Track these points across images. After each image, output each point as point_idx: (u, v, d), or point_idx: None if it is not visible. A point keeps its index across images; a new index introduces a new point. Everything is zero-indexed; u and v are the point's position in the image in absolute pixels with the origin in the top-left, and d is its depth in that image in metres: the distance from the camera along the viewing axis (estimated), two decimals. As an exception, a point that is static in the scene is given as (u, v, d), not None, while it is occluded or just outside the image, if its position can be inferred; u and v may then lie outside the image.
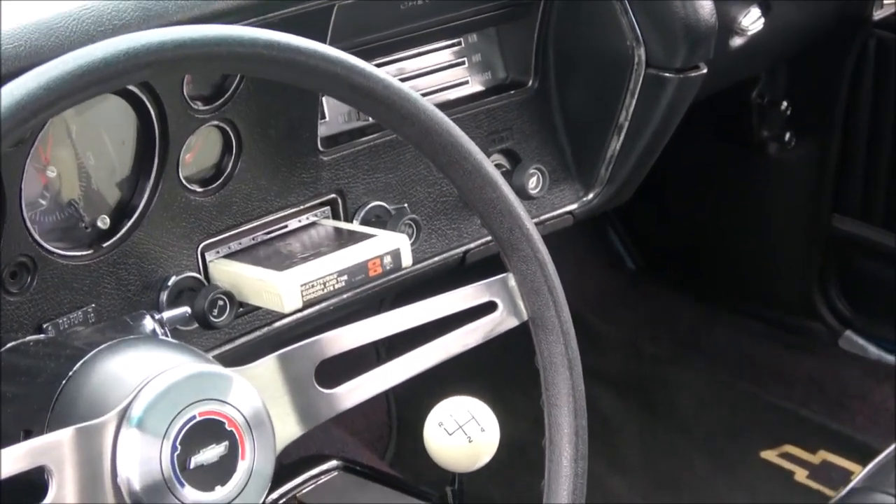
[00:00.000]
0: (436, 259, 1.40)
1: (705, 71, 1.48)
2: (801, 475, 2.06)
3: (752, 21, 1.60)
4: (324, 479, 1.60)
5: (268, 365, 0.92)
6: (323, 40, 1.15)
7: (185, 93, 1.14)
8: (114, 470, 0.83)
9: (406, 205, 1.35)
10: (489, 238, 1.37)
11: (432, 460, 1.38)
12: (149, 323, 1.10)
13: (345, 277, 1.17)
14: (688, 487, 2.07)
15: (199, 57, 0.88)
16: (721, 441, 2.14)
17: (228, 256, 1.23)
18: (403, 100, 0.94)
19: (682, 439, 2.16)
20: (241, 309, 1.20)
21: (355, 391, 0.96)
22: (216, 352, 1.19)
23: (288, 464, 1.60)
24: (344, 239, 1.25)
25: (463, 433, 1.24)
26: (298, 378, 0.94)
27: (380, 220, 1.32)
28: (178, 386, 0.85)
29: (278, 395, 0.93)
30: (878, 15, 1.88)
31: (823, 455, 2.05)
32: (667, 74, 1.45)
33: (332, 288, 1.17)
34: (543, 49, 1.49)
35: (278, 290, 1.16)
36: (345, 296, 1.26)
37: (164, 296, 1.17)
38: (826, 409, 2.12)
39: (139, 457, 0.82)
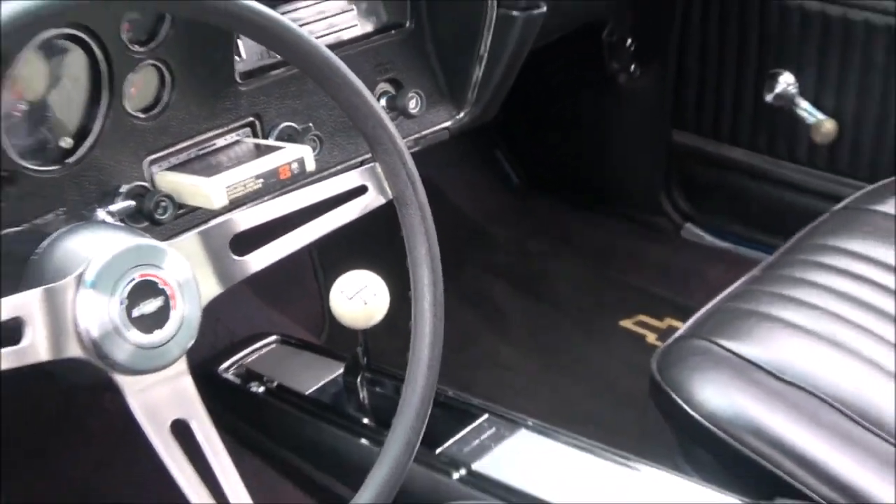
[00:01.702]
0: (338, 167, 1.41)
1: (545, 10, 1.50)
2: (651, 338, 2.12)
3: None
4: (265, 350, 1.65)
5: (192, 238, 0.97)
6: None
7: (123, 38, 1.18)
8: (74, 321, 0.88)
9: (311, 124, 1.38)
10: None
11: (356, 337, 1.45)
12: (101, 214, 1.13)
13: (261, 180, 1.20)
14: (564, 352, 2.12)
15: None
16: (589, 315, 2.19)
17: (169, 169, 1.26)
18: (293, 35, 1.00)
19: (559, 316, 2.21)
20: (181, 210, 1.23)
21: (261, 257, 1.00)
22: (163, 244, 1.23)
23: (237, 341, 1.65)
24: (261, 152, 1.28)
25: (360, 298, 1.31)
26: (216, 248, 0.98)
27: (290, 137, 1.36)
28: (123, 255, 0.90)
29: (201, 261, 0.97)
30: None
31: (669, 322, 2.12)
32: (514, 13, 1.48)
33: (251, 189, 1.20)
34: None
35: (207, 191, 1.19)
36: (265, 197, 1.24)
37: (118, 200, 1.20)
38: (671, 286, 2.18)
39: (94, 310, 0.88)
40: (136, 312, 0.90)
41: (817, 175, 2.05)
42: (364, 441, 1.49)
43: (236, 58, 1.32)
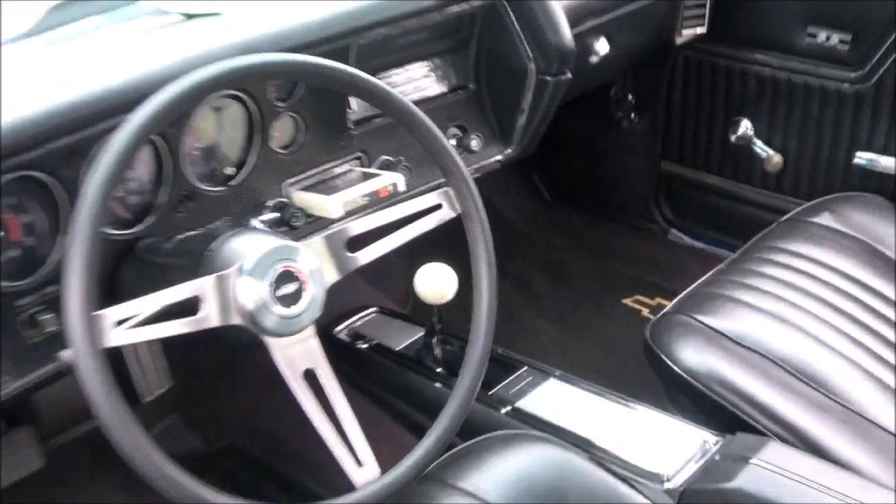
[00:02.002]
0: (421, 189, 1.39)
1: (570, 76, 1.48)
2: (645, 312, 2.11)
3: (602, 47, 1.62)
4: (367, 318, 1.67)
5: (319, 240, 0.98)
6: (347, 62, 1.19)
7: (269, 97, 1.20)
8: (236, 298, 0.89)
9: (402, 157, 1.37)
10: None
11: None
12: (254, 222, 1.16)
13: (367, 198, 1.22)
14: (580, 322, 2.11)
15: (279, 71, 0.95)
16: (599, 294, 2.18)
17: (301, 189, 1.27)
18: (389, 96, 1.02)
19: (576, 295, 2.20)
20: (309, 218, 1.25)
21: (367, 254, 1.00)
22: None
23: (348, 311, 1.67)
24: (366, 177, 1.29)
25: (435, 282, 1.32)
26: (336, 247, 0.99)
27: (387, 166, 1.36)
28: (271, 252, 0.91)
29: (325, 256, 0.98)
30: (679, 41, 1.89)
31: (658, 300, 2.10)
32: (547, 78, 1.45)
33: (360, 204, 1.22)
34: (477, 66, 1.49)
35: (329, 205, 1.21)
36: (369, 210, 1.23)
37: (265, 212, 1.22)
38: (660, 275, 2.15)
39: (250, 291, 0.89)
40: (279, 293, 0.91)
41: (768, 195, 2.03)
42: (438, 385, 1.50)
43: (348, 110, 1.32)
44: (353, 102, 1.33)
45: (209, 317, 0.89)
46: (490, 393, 1.42)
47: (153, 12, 1.22)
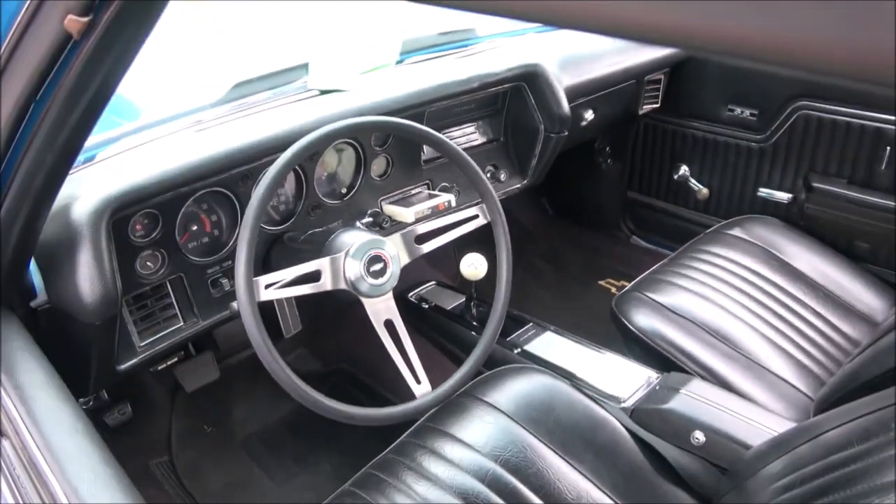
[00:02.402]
0: (465, 205, 1.37)
1: (566, 133, 1.47)
2: (613, 290, 2.06)
3: (589, 115, 1.60)
4: (429, 288, 1.65)
5: (397, 236, 0.99)
6: (422, 122, 1.21)
7: (371, 142, 1.21)
8: (343, 272, 0.91)
9: (454, 184, 1.37)
10: None
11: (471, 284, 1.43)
12: (358, 223, 1.16)
13: (430, 209, 1.23)
14: (570, 294, 2.07)
15: (376, 128, 0.95)
16: (583, 278, 2.14)
17: (389, 203, 1.27)
18: (448, 146, 1.02)
19: (567, 277, 2.16)
20: (393, 222, 1.25)
21: (430, 246, 1.01)
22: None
23: (416, 283, 1.66)
24: (430, 196, 1.29)
25: (473, 265, 1.31)
26: (409, 241, 1.00)
27: (444, 189, 1.36)
28: (366, 243, 0.93)
29: (401, 247, 0.99)
30: (641, 112, 1.85)
31: (623, 282, 2.05)
32: (552, 135, 1.44)
33: (426, 213, 1.22)
34: (506, 126, 1.47)
35: (406, 214, 1.22)
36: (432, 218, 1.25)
37: (366, 217, 1.23)
38: (624, 266, 2.10)
39: (352, 267, 0.91)
40: (371, 269, 0.92)
41: (698, 215, 1.97)
42: (473, 333, 1.49)
43: (421, 153, 1.33)
44: (425, 148, 1.33)
45: (325, 283, 0.90)
46: (507, 339, 1.41)
47: (300, 89, 1.24)
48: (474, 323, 1.51)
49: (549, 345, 1.40)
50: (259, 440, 1.58)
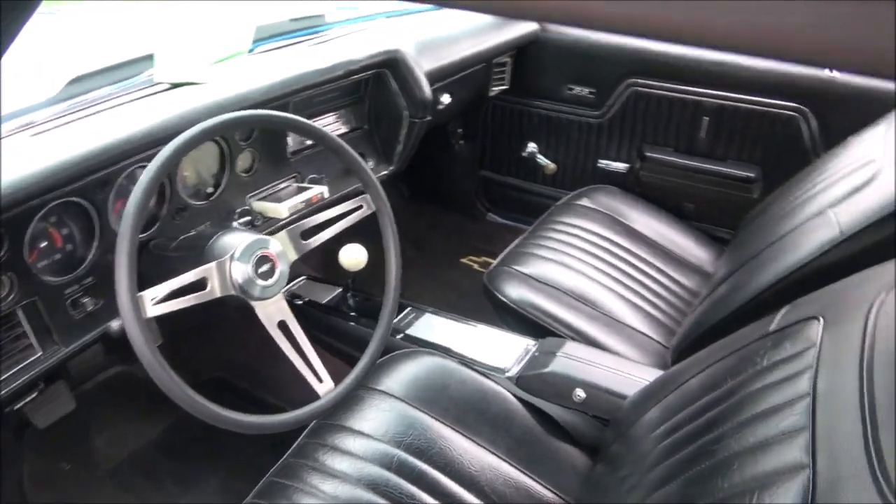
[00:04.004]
0: (338, 195, 1.37)
1: (430, 118, 1.49)
2: (476, 266, 2.12)
3: (445, 99, 1.62)
4: (300, 283, 1.58)
5: (283, 233, 0.95)
6: (287, 111, 1.16)
7: (236, 138, 1.14)
8: (231, 276, 0.86)
9: (324, 175, 1.33)
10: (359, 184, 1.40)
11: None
12: (235, 224, 1.10)
13: (303, 203, 1.20)
14: (438, 275, 2.09)
15: (247, 123, 0.90)
16: (446, 257, 2.17)
17: (258, 200, 1.21)
18: (320, 132, 0.99)
19: (432, 257, 2.18)
20: (266, 219, 1.20)
21: (315, 241, 0.98)
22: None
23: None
24: (301, 189, 1.25)
25: (353, 255, 1.29)
26: (294, 237, 0.96)
27: (315, 181, 1.31)
28: (251, 244, 0.89)
29: (287, 243, 0.95)
30: (491, 94, 1.90)
31: (484, 258, 2.12)
32: (416, 120, 1.45)
33: (300, 207, 1.19)
34: (370, 114, 1.46)
35: (279, 209, 1.17)
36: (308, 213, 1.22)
37: (235, 217, 1.17)
38: (483, 242, 2.16)
39: (240, 271, 0.86)
40: (259, 270, 0.88)
41: (548, 188, 2.08)
42: (352, 323, 1.45)
43: (287, 145, 1.28)
44: (289, 140, 1.28)
45: (214, 290, 0.85)
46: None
47: (146, 83, 1.13)
48: (353, 314, 1.49)
49: (431, 326, 1.42)
50: (130, 468, 1.45)
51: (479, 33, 1.68)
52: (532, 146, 2.03)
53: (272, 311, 0.91)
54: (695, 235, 1.75)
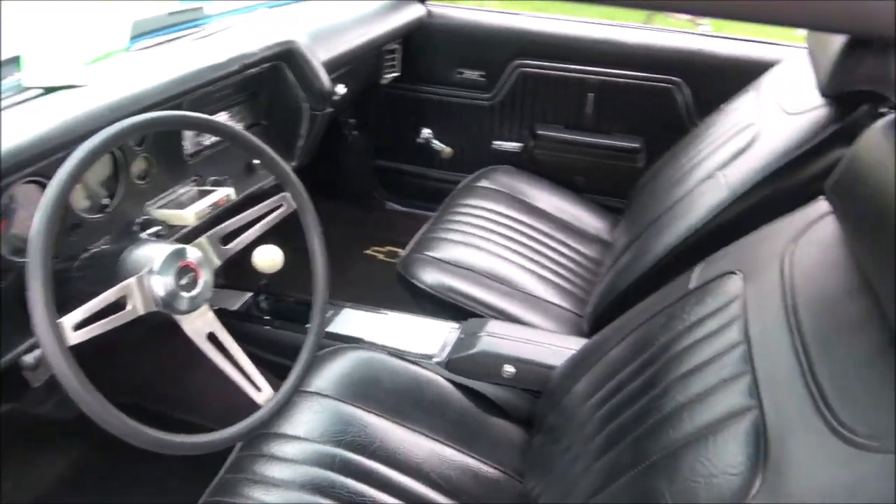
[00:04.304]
0: (243, 196, 1.29)
1: (331, 110, 1.45)
2: (381, 257, 2.10)
3: (341, 90, 1.56)
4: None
5: (202, 240, 0.90)
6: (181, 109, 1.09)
7: (129, 143, 1.06)
8: (152, 291, 0.81)
9: (227, 176, 1.25)
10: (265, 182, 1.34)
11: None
12: (143, 235, 1.00)
13: (210, 206, 1.12)
14: (343, 267, 1.97)
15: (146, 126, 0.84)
16: (350, 250, 2.13)
17: (159, 208, 1.12)
18: (222, 126, 0.94)
19: (336, 251, 2.09)
20: (171, 227, 1.11)
21: (236, 245, 0.93)
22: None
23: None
24: (204, 193, 1.16)
25: (271, 257, 1.23)
26: (214, 243, 0.91)
27: (217, 183, 1.23)
28: (170, 255, 0.83)
29: (208, 250, 0.90)
30: (383, 82, 1.89)
31: (388, 248, 2.10)
32: (317, 112, 1.41)
33: (208, 212, 1.11)
34: (268, 108, 1.39)
35: (185, 216, 1.09)
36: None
37: (135, 228, 1.08)
38: (384, 231, 2.15)
39: (160, 284, 0.80)
40: (182, 282, 0.83)
41: (446, 173, 2.08)
42: (267, 328, 1.39)
43: (183, 146, 1.20)
44: (186, 142, 1.20)
45: (136, 308, 0.79)
46: (308, 326, 1.36)
47: (15, 89, 1.01)
48: (266, 318, 1.43)
49: (351, 321, 1.39)
50: (42, 511, 1.32)
51: (367, 20, 1.66)
52: (427, 132, 2.04)
53: (200, 325, 0.86)
54: (590, 207, 1.83)
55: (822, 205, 0.78)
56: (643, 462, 0.68)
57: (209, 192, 1.18)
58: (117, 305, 0.78)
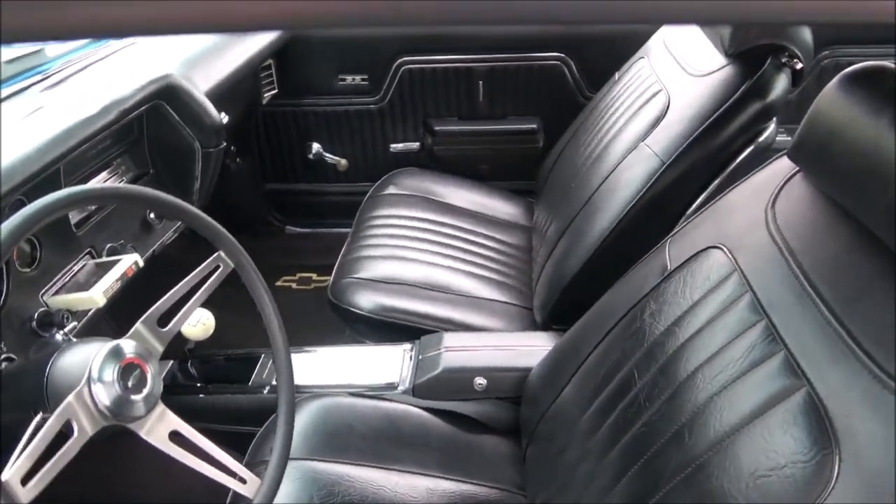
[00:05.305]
0: (148, 255, 1.16)
1: (225, 145, 1.31)
2: (294, 286, 1.97)
3: (226, 119, 1.39)
4: None
5: (138, 327, 0.77)
6: (59, 181, 0.95)
7: None
8: (96, 403, 0.68)
9: (122, 240, 1.11)
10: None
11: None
12: (59, 336, 0.85)
13: (119, 281, 0.98)
14: (253, 309, 1.93)
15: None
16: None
17: (55, 294, 0.96)
18: (162, 198, 0.81)
19: (242, 291, 1.99)
20: (76, 315, 0.97)
21: (176, 325, 0.81)
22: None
23: None
24: (104, 266, 1.02)
25: (201, 321, 1.12)
26: (151, 328, 0.78)
27: (115, 252, 1.08)
28: (106, 357, 0.70)
29: (146, 339, 0.77)
30: (264, 101, 1.76)
31: (299, 275, 1.97)
32: (211, 150, 1.27)
33: (116, 286, 0.97)
34: (153, 154, 1.24)
35: (91, 296, 0.94)
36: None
37: (33, 324, 0.91)
38: (290, 258, 2.00)
39: (105, 393, 0.68)
40: (129, 384, 0.70)
41: (347, 185, 1.99)
42: (202, 395, 1.24)
43: (69, 217, 1.02)
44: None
45: (84, 430, 0.66)
46: (250, 385, 1.23)
47: None
48: (198, 385, 1.28)
49: (295, 367, 1.27)
50: None
51: (237, 39, 1.51)
52: (317, 146, 1.92)
53: (159, 426, 0.73)
54: (500, 194, 1.81)
55: (782, 164, 0.79)
56: (691, 464, 0.65)
57: (110, 263, 1.02)
58: (63, 435, 0.64)
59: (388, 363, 1.24)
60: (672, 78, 1.25)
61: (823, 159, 0.67)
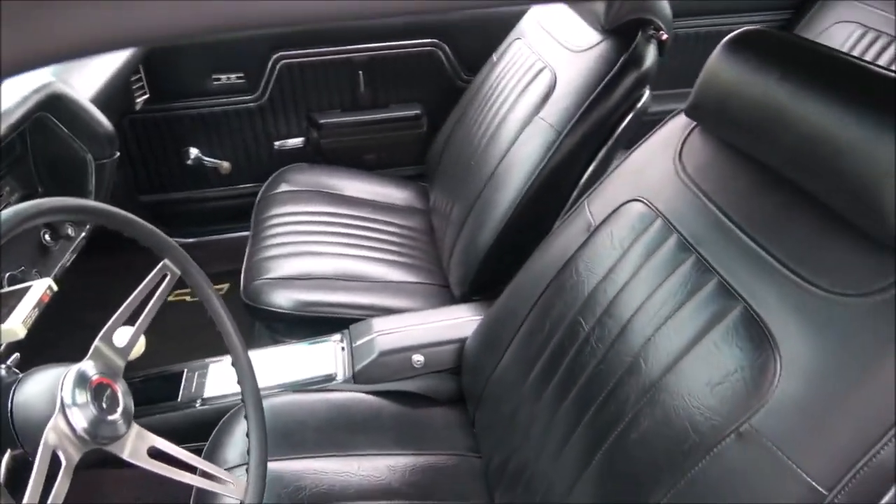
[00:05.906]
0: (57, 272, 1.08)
1: (119, 154, 1.22)
2: (188, 299, 1.80)
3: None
4: None
5: (98, 345, 0.73)
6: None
7: None
8: (73, 429, 0.64)
9: (23, 266, 1.02)
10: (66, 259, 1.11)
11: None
12: (3, 370, 0.77)
13: (37, 308, 0.90)
14: (156, 326, 1.82)
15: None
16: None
17: (-38, 331, 0.87)
18: (100, 208, 0.77)
19: (143, 304, 1.87)
20: None
21: (132, 342, 0.77)
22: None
23: None
24: (15, 296, 0.91)
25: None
26: (108, 344, 0.74)
27: (16, 279, 0.99)
28: (73, 380, 0.67)
29: (106, 358, 0.73)
30: (137, 108, 1.63)
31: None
32: (104, 161, 1.18)
33: (34, 314, 0.89)
34: (40, 171, 1.12)
35: (12, 329, 0.84)
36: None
37: None
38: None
39: (83, 416, 0.65)
40: (103, 404, 0.67)
41: (231, 188, 1.91)
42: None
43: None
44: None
45: (70, 458, 0.63)
46: (181, 401, 1.18)
47: None
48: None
49: (226, 376, 1.24)
50: None
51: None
52: (195, 151, 1.83)
53: (137, 444, 0.70)
54: (390, 181, 1.85)
55: (679, 122, 0.90)
56: (651, 387, 0.73)
57: (19, 291, 0.93)
58: (54, 469, 0.61)
59: (321, 356, 1.25)
60: (554, 55, 1.36)
61: (722, 115, 0.78)
